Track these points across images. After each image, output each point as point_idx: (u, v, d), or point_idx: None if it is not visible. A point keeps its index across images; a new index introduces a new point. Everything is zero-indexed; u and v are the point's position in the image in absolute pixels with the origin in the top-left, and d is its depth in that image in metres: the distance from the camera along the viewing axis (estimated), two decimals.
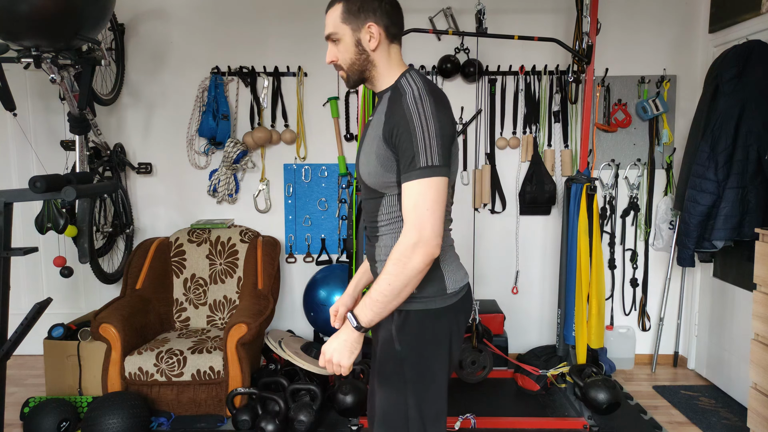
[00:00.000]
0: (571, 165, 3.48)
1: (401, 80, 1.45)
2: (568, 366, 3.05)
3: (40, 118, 3.62)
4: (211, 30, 3.51)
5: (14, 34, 2.37)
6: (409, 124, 1.32)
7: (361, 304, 1.38)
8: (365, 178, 1.45)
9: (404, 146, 1.33)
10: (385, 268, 1.34)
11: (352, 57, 1.45)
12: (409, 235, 1.32)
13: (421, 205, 1.31)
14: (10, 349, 2.21)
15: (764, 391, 2.36)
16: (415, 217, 1.31)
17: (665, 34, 3.48)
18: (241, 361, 2.81)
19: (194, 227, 3.41)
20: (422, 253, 1.31)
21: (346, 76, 1.49)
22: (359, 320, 1.37)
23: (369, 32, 1.43)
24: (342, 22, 1.42)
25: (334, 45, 1.46)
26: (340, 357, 1.38)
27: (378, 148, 1.38)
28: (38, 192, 2.14)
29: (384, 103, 1.44)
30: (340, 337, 1.39)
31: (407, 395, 1.43)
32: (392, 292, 1.33)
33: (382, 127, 1.39)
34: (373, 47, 1.44)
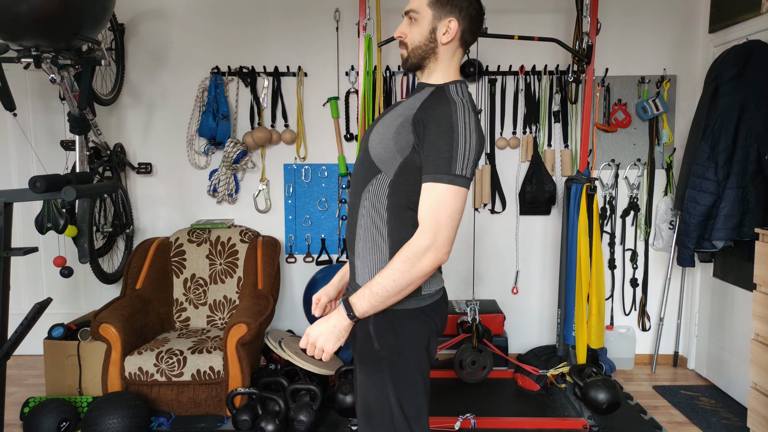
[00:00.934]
0: (571, 165, 3.48)
1: (451, 86, 1.46)
2: (568, 366, 3.05)
3: (40, 118, 3.62)
4: (211, 30, 3.51)
5: (14, 34, 2.37)
6: (453, 129, 1.33)
7: (359, 293, 1.36)
8: (372, 145, 1.44)
9: (441, 148, 1.32)
10: (392, 264, 1.33)
11: (421, 41, 1.46)
12: (424, 236, 1.32)
13: (443, 210, 1.32)
14: (10, 349, 2.21)
15: (764, 391, 2.36)
16: (433, 221, 1.32)
17: (665, 34, 3.48)
18: (241, 361, 2.81)
19: (194, 227, 3.41)
20: (433, 258, 1.32)
21: (406, 56, 1.50)
22: (354, 310, 1.35)
23: (447, 26, 1.45)
24: (428, 5, 1.44)
25: (408, 22, 1.48)
26: (325, 342, 1.35)
27: (401, 127, 1.39)
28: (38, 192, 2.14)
29: (423, 94, 1.46)
30: (329, 321, 1.36)
31: (388, 391, 1.43)
32: (395, 288, 1.33)
33: (414, 112, 1.39)
34: (445, 42, 1.46)
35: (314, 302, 1.65)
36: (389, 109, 1.51)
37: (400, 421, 1.43)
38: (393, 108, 1.50)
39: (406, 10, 1.48)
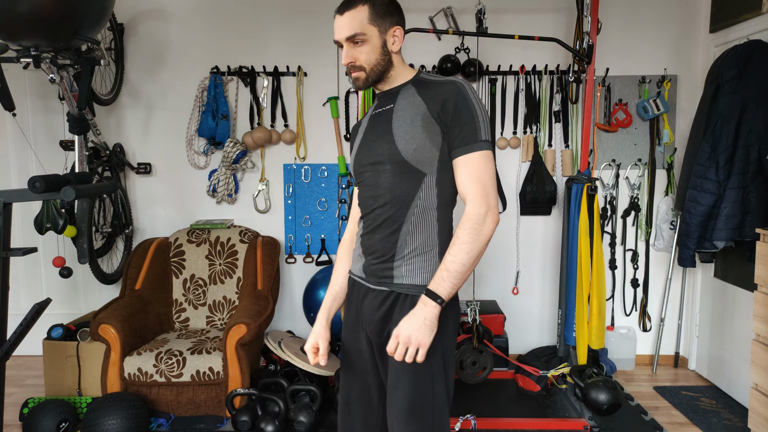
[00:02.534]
0: (571, 165, 3.47)
1: (421, 76, 1.53)
2: (569, 367, 3.04)
3: (39, 118, 3.61)
4: (211, 30, 3.50)
5: (13, 34, 2.37)
6: (467, 101, 1.41)
7: (437, 278, 1.39)
8: (409, 155, 1.44)
9: (464, 120, 1.40)
10: (459, 239, 1.38)
11: (377, 58, 1.47)
12: (479, 205, 1.39)
13: (485, 175, 1.41)
14: (9, 349, 2.20)
15: (765, 392, 2.35)
16: (481, 189, 1.40)
17: (666, 33, 3.47)
18: (240, 361, 2.80)
19: (194, 227, 3.41)
20: (492, 221, 1.40)
21: (365, 77, 1.48)
22: (440, 294, 1.37)
23: (394, 35, 1.48)
24: (370, 23, 1.44)
25: (354, 46, 1.46)
26: (421, 337, 1.36)
27: (424, 123, 1.44)
28: (37, 192, 2.13)
29: (408, 92, 1.50)
30: (417, 316, 1.37)
31: (435, 383, 1.47)
32: (470, 260, 1.38)
33: (424, 106, 1.45)
34: (396, 50, 1.50)
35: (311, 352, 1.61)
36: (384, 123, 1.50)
37: (446, 407, 1.49)
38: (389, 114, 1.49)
39: (347, 37, 1.44)
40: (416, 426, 1.46)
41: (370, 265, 1.55)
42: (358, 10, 1.43)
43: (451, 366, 1.52)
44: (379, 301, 1.52)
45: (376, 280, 1.53)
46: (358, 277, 1.62)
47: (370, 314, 1.54)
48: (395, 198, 1.48)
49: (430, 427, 1.47)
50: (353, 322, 1.62)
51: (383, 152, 1.48)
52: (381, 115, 1.53)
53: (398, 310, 1.49)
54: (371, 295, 1.55)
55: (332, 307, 1.68)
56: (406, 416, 1.46)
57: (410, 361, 1.37)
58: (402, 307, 1.48)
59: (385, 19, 1.45)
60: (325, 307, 1.68)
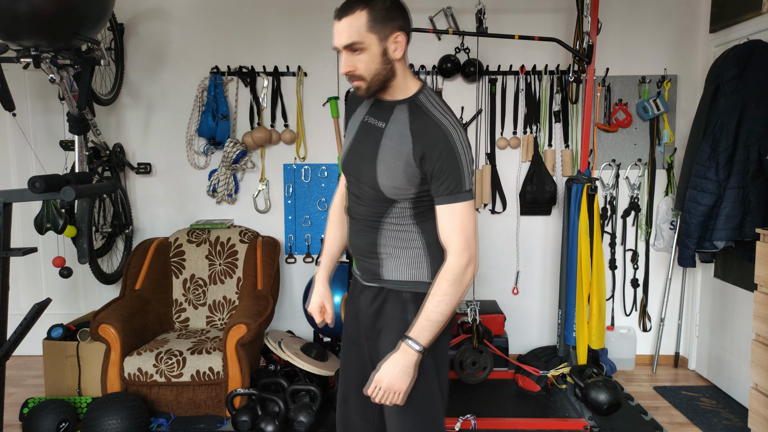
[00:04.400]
0: (571, 165, 3.47)
1: (420, 97, 1.47)
2: (569, 367, 3.04)
3: (39, 118, 3.61)
4: (211, 30, 3.50)
5: (13, 34, 2.37)
6: (453, 151, 1.39)
7: (418, 327, 1.41)
8: (386, 190, 1.46)
9: (448, 171, 1.39)
10: (441, 290, 1.41)
11: (377, 67, 1.40)
12: (461, 256, 1.41)
13: (467, 225, 1.42)
14: (9, 349, 2.20)
15: (765, 392, 2.35)
16: (464, 239, 1.41)
17: (666, 33, 3.47)
18: (240, 361, 2.80)
19: (194, 227, 3.40)
20: (472, 271, 1.43)
21: (366, 87, 1.42)
22: (420, 342, 1.41)
23: (396, 42, 1.39)
24: (368, 30, 1.35)
25: (352, 54, 1.38)
26: (401, 385, 1.41)
27: (406, 165, 1.43)
28: (37, 192, 2.13)
29: (401, 116, 1.45)
30: (398, 363, 1.41)
31: (427, 379, 1.49)
32: (450, 310, 1.43)
33: (410, 146, 1.42)
34: (398, 57, 1.41)
35: (317, 312, 1.68)
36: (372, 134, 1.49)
37: (440, 402, 1.52)
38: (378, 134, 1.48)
39: (344, 45, 1.37)
40: (411, 421, 1.50)
41: (361, 263, 1.60)
42: (356, 15, 1.35)
43: (444, 364, 1.54)
44: (372, 296, 1.58)
45: (369, 276, 1.59)
46: (356, 273, 1.67)
47: (365, 309, 1.60)
48: (372, 210, 1.53)
49: (425, 422, 1.51)
50: (353, 316, 1.66)
51: (365, 177, 1.50)
52: (372, 130, 1.50)
53: (389, 306, 1.54)
54: (366, 291, 1.60)
55: (329, 267, 1.74)
56: (400, 412, 1.50)
57: (390, 404, 1.43)
58: (393, 303, 1.53)
59: (386, 24, 1.36)
60: (323, 267, 1.73)
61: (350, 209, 1.62)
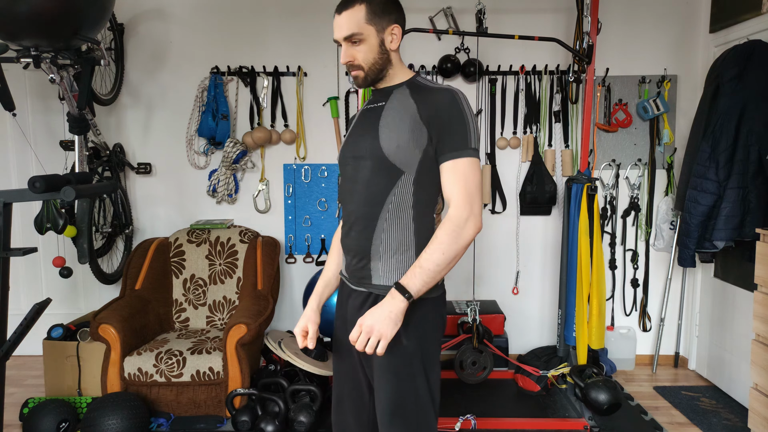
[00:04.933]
0: (571, 165, 3.47)
1: (418, 78, 1.54)
2: (569, 367, 3.04)
3: (39, 118, 3.61)
4: (211, 30, 3.50)
5: (13, 34, 2.37)
6: (460, 109, 1.42)
7: (409, 274, 1.39)
8: (391, 152, 1.45)
9: (455, 127, 1.42)
10: (437, 239, 1.38)
11: (375, 57, 1.48)
12: (461, 208, 1.40)
13: (471, 181, 1.42)
14: (9, 349, 2.20)
15: (765, 392, 2.36)
16: (466, 194, 1.41)
17: (666, 33, 3.47)
18: (240, 361, 2.80)
19: (194, 227, 3.41)
20: (473, 226, 1.41)
21: (363, 76, 1.50)
22: (409, 289, 1.37)
23: (392, 33, 1.49)
24: (367, 22, 1.44)
25: (352, 45, 1.47)
26: (383, 328, 1.35)
27: (413, 124, 1.44)
28: (37, 192, 2.13)
29: (401, 93, 1.51)
30: (384, 308, 1.36)
31: (417, 384, 1.48)
32: (444, 261, 1.38)
33: (414, 107, 1.46)
34: (395, 48, 1.51)
35: (300, 336, 1.62)
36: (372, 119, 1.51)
37: (430, 408, 1.50)
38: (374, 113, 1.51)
39: (344, 36, 1.46)
40: (400, 426, 1.48)
41: (351, 265, 1.58)
42: (356, 9, 1.44)
43: (434, 368, 1.51)
44: (360, 302, 1.55)
45: (357, 280, 1.56)
46: (344, 277, 1.65)
47: (353, 314, 1.56)
48: (370, 194, 1.49)
49: (414, 427, 1.48)
50: (342, 321, 1.64)
51: (366, 147, 1.49)
52: (371, 111, 1.54)
53: None
54: (353, 296, 1.58)
55: (324, 293, 1.70)
56: (390, 417, 1.49)
57: (370, 352, 1.36)
58: None
59: (383, 17, 1.46)
60: (317, 293, 1.70)
61: (344, 208, 1.59)
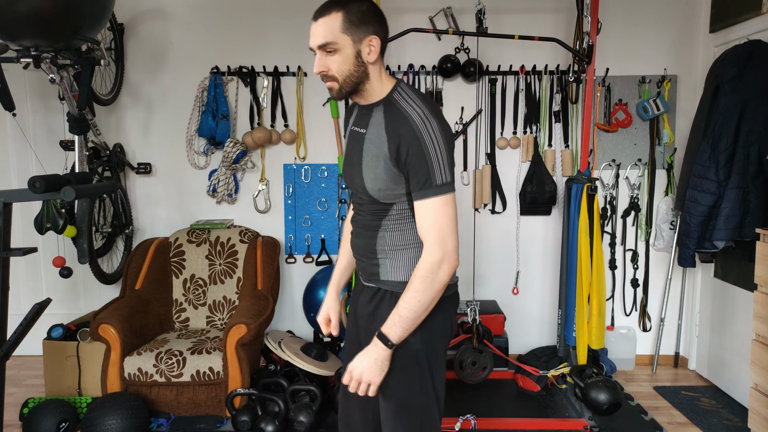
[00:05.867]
0: (571, 165, 3.47)
1: (394, 95, 1.46)
2: (569, 367, 3.04)
3: (39, 118, 3.61)
4: (211, 30, 3.50)
5: (13, 34, 2.37)
6: (420, 145, 1.36)
7: (389, 323, 1.42)
8: (374, 194, 1.47)
9: (417, 166, 1.37)
10: (412, 286, 1.39)
11: (350, 69, 1.41)
12: (434, 252, 1.38)
13: (441, 221, 1.38)
14: (9, 349, 2.20)
15: (765, 392, 2.35)
16: (437, 235, 1.38)
17: (666, 33, 3.47)
18: (240, 361, 2.80)
19: (194, 227, 3.40)
20: (447, 268, 1.40)
21: (338, 88, 1.44)
22: (390, 338, 1.42)
23: (370, 45, 1.41)
24: (342, 32, 1.38)
25: (326, 55, 1.41)
26: (371, 376, 1.42)
27: (386, 166, 1.42)
28: (37, 192, 2.13)
29: (378, 118, 1.46)
30: (370, 356, 1.43)
31: (421, 382, 1.49)
32: (421, 307, 1.40)
33: (386, 145, 1.41)
34: (372, 60, 1.43)
35: (323, 323, 1.71)
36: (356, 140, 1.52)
37: (434, 406, 1.51)
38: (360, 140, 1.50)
39: (318, 45, 1.40)
40: (404, 423, 1.50)
41: (360, 262, 1.62)
42: (332, 17, 1.38)
43: (438, 367, 1.53)
44: (369, 297, 1.59)
45: (367, 276, 1.60)
46: (358, 273, 1.69)
47: (362, 309, 1.61)
48: (372, 210, 1.53)
49: (418, 424, 1.50)
50: (353, 315, 1.68)
51: (357, 184, 1.52)
52: (357, 137, 1.52)
53: (385, 307, 1.53)
54: (365, 291, 1.61)
55: (341, 281, 1.76)
56: (394, 414, 1.51)
57: (362, 395, 1.45)
58: (389, 303, 1.52)
59: (360, 27, 1.38)
60: (334, 281, 1.75)
61: (354, 212, 1.64)
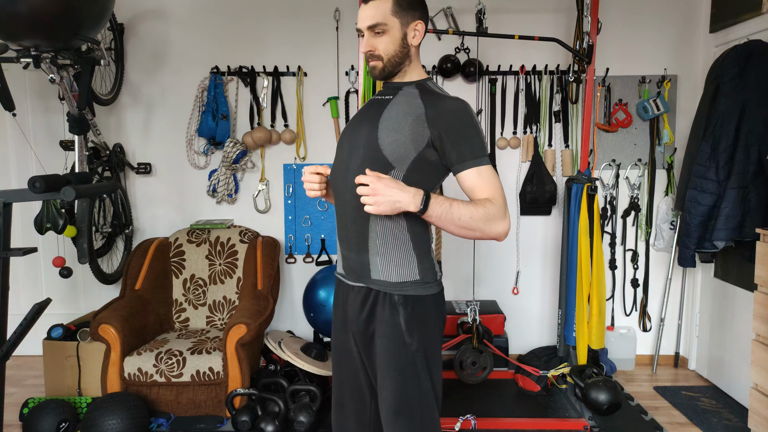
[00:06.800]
0: (571, 165, 3.47)
1: (428, 83, 1.55)
2: (569, 367, 3.04)
3: (39, 118, 3.61)
4: (211, 30, 3.50)
5: (13, 34, 2.37)
6: (466, 118, 1.44)
7: (439, 199, 1.39)
8: (385, 144, 1.46)
9: (472, 136, 1.44)
10: (476, 208, 1.39)
11: (396, 49, 1.50)
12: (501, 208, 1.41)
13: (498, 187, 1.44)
14: (9, 349, 2.20)
15: (765, 392, 2.36)
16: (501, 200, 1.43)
17: (666, 33, 3.47)
18: (240, 361, 2.80)
19: (194, 227, 3.40)
20: (504, 227, 1.43)
21: (381, 67, 1.51)
22: (429, 205, 1.37)
23: (415, 29, 1.51)
24: (392, 14, 1.47)
25: (374, 36, 1.49)
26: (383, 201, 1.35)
27: (416, 124, 1.45)
28: (37, 192, 2.13)
29: (411, 92, 1.52)
30: (397, 192, 1.35)
31: (420, 382, 1.50)
32: (465, 224, 1.40)
33: (422, 109, 1.46)
34: (416, 43, 1.53)
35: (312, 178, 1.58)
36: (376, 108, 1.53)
37: (434, 405, 1.52)
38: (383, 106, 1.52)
39: (368, 26, 1.48)
40: (405, 424, 1.49)
41: (349, 260, 1.57)
42: (383, 0, 1.47)
43: (436, 365, 1.54)
44: (361, 300, 1.55)
45: (356, 276, 1.56)
46: (340, 275, 1.65)
47: (355, 314, 1.56)
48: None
49: (420, 425, 1.50)
50: (341, 322, 1.64)
51: (363, 136, 1.51)
52: (377, 103, 1.56)
53: (380, 309, 1.51)
54: (353, 294, 1.57)
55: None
56: (394, 415, 1.50)
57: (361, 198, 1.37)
58: (383, 305, 1.51)
59: (408, 12, 1.48)
60: None
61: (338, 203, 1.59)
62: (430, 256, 1.56)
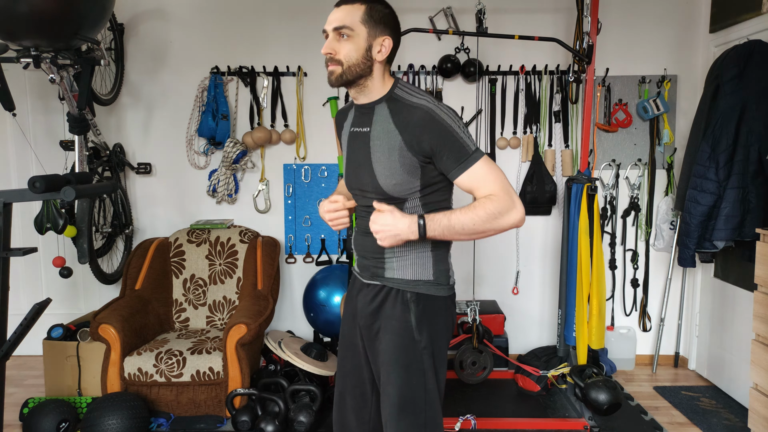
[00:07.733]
0: (571, 165, 3.47)
1: (396, 92, 1.50)
2: (569, 367, 3.04)
3: (39, 118, 3.61)
4: (211, 30, 3.50)
5: (13, 34, 2.37)
6: (441, 125, 1.40)
7: (435, 218, 1.41)
8: (388, 189, 1.47)
9: (447, 144, 1.40)
10: (476, 211, 1.39)
11: (357, 58, 1.45)
12: (505, 200, 1.40)
13: (494, 176, 1.42)
14: (9, 349, 2.20)
15: (765, 392, 2.35)
16: (501, 188, 1.41)
17: (666, 33, 3.47)
18: (240, 361, 2.80)
19: (194, 227, 3.40)
20: (516, 218, 1.41)
21: (339, 73, 1.46)
22: (426, 227, 1.40)
23: (382, 44, 1.47)
24: (362, 23, 1.44)
25: (339, 39, 1.45)
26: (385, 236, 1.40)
27: (401, 158, 1.44)
28: (37, 192, 2.13)
29: (382, 114, 1.48)
30: (398, 224, 1.40)
31: (426, 379, 1.50)
32: (470, 230, 1.41)
33: (398, 138, 1.44)
34: (380, 59, 1.47)
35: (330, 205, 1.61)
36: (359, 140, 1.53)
37: (437, 404, 1.53)
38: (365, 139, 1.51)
39: (334, 27, 1.44)
40: (409, 421, 1.49)
41: (365, 261, 1.60)
42: (355, 7, 1.44)
43: (442, 365, 1.55)
44: (372, 295, 1.57)
45: (370, 274, 1.58)
46: (356, 272, 1.67)
47: (363, 308, 1.59)
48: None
49: (423, 422, 1.50)
50: (351, 316, 1.66)
51: (367, 183, 1.52)
52: (360, 138, 1.54)
53: (389, 305, 1.53)
54: (365, 290, 1.60)
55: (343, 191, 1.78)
56: (398, 411, 1.49)
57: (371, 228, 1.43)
58: (393, 302, 1.52)
59: (378, 26, 1.45)
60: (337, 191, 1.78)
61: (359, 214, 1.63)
62: (447, 260, 1.58)
